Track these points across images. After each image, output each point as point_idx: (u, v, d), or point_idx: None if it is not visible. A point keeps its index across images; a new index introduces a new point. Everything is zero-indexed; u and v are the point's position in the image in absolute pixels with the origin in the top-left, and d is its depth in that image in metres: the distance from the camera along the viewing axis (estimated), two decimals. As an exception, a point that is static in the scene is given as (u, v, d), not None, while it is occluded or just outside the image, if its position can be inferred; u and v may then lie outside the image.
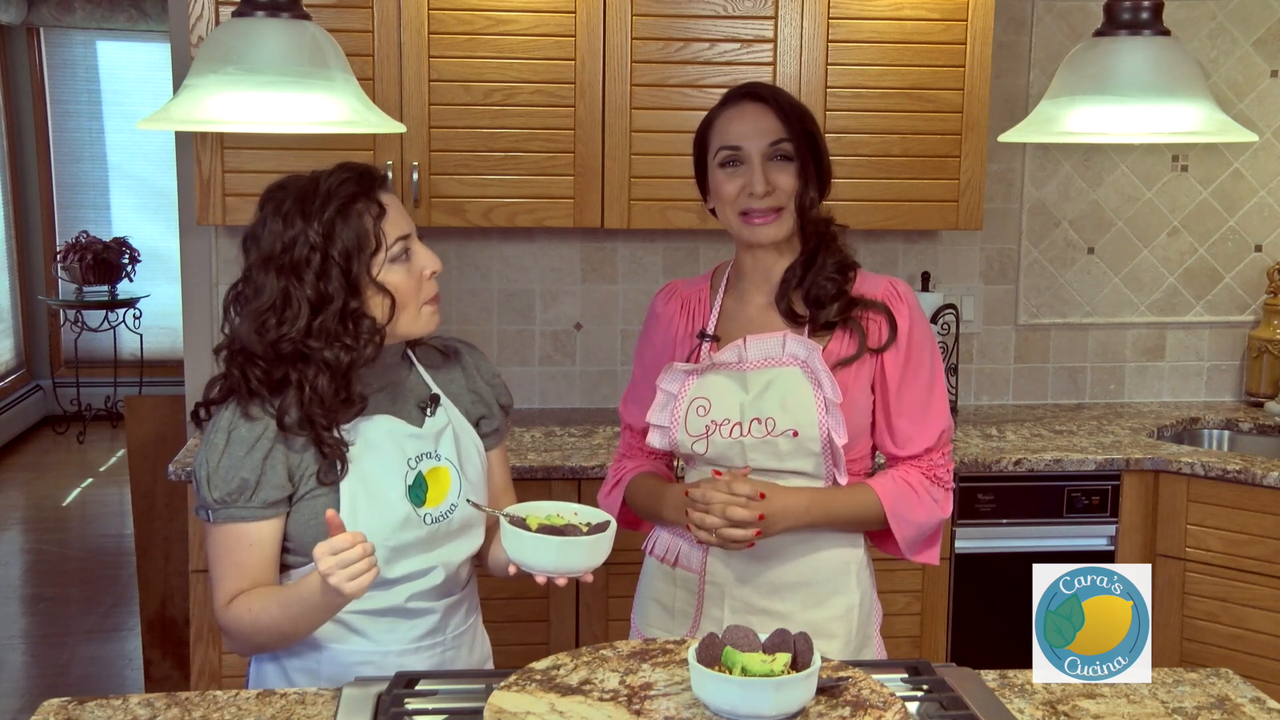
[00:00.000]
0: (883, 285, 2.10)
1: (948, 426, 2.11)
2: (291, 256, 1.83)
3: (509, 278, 3.68)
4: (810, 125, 2.07)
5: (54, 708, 1.76)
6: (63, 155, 8.41)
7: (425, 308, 1.93)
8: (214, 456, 1.85)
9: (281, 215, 1.85)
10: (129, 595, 5.08)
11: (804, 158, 2.04)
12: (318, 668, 1.93)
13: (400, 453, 1.93)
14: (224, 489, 1.85)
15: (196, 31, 3.13)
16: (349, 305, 1.84)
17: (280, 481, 1.86)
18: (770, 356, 2.05)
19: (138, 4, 8.01)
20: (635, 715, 1.57)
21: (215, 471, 1.85)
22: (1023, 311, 3.90)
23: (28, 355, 8.40)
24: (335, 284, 1.83)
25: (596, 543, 1.80)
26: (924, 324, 2.10)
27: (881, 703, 1.59)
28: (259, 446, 1.85)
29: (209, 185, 3.20)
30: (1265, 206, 3.95)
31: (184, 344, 3.62)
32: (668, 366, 2.11)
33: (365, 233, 1.85)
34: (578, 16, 3.22)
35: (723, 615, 2.11)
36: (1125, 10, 2.29)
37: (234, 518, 1.85)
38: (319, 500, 1.88)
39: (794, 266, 2.08)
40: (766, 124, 2.04)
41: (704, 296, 2.18)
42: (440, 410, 2.00)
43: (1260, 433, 3.73)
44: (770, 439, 2.04)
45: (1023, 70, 3.78)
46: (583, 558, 1.79)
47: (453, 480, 1.97)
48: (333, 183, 1.87)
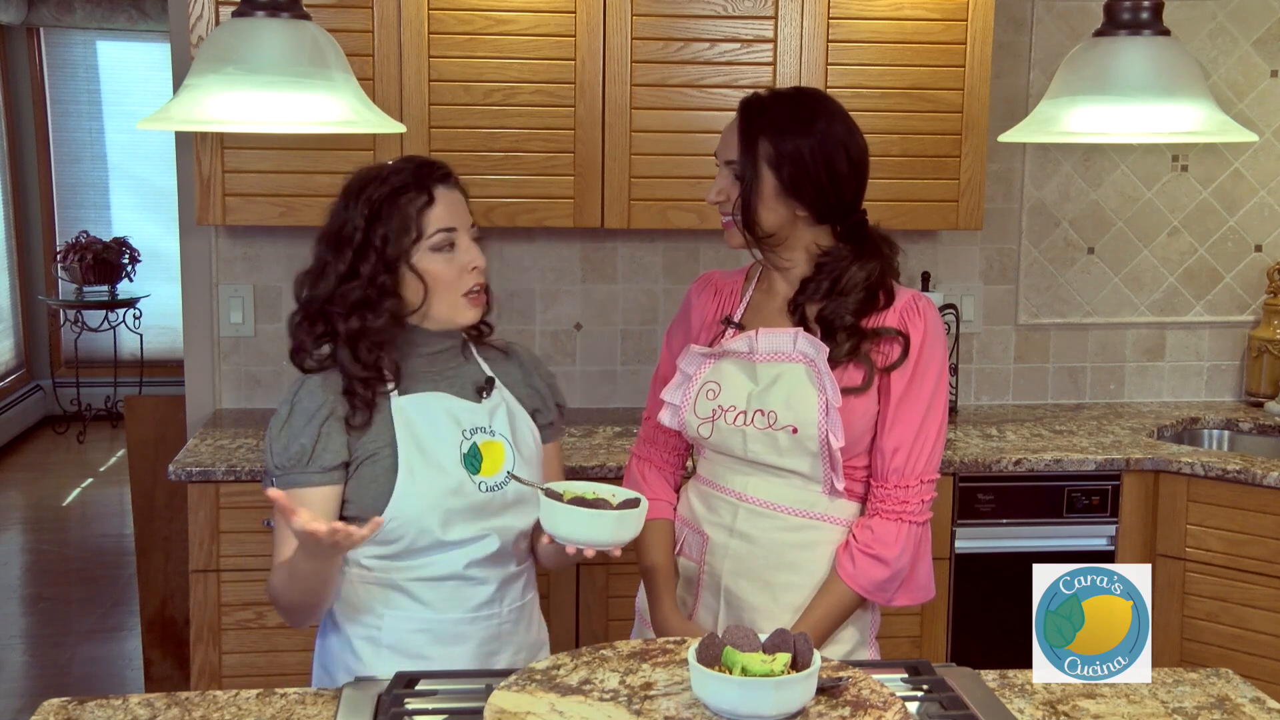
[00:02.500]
0: (901, 305, 2.09)
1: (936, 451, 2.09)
2: (340, 234, 1.98)
3: (509, 278, 3.68)
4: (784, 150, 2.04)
5: (54, 708, 1.76)
6: (63, 155, 8.41)
7: (463, 299, 2.01)
8: (278, 425, 1.99)
9: (345, 196, 2.01)
10: (129, 595, 5.08)
11: (750, 176, 2.05)
12: (378, 635, 2.02)
13: (455, 424, 2.02)
14: (284, 456, 1.97)
15: (196, 31, 3.13)
16: (377, 280, 1.96)
17: (338, 446, 1.97)
18: (780, 351, 2.08)
19: (138, 4, 8.01)
20: (635, 715, 1.57)
21: (277, 439, 1.98)
22: (1023, 311, 3.90)
23: (28, 355, 8.40)
24: (371, 263, 1.96)
25: (624, 517, 1.86)
26: (937, 344, 2.09)
27: (881, 703, 1.59)
28: (318, 415, 1.97)
29: (209, 185, 3.20)
30: (1265, 206, 3.95)
31: (184, 344, 3.61)
32: (687, 348, 2.18)
33: (407, 220, 1.97)
34: (578, 16, 3.22)
35: (718, 606, 2.14)
36: (1125, 10, 2.30)
37: (294, 483, 1.96)
38: (379, 464, 1.98)
39: (819, 280, 2.09)
40: (730, 140, 2.10)
41: (736, 288, 2.22)
42: (495, 393, 2.10)
43: (1260, 433, 3.73)
44: (771, 432, 2.06)
45: (1023, 70, 3.78)
46: (610, 531, 1.85)
47: (506, 454, 2.05)
48: (390, 171, 2.00)
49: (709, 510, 2.16)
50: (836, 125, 2.08)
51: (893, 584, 2.09)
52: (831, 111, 2.10)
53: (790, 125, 2.06)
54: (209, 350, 3.60)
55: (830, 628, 2.10)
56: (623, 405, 3.72)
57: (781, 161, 2.04)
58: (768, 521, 2.10)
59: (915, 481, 2.07)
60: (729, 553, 2.12)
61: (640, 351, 3.74)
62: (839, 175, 2.06)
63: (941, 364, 2.10)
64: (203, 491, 3.03)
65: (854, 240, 2.10)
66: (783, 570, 2.10)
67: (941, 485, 3.19)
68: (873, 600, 2.11)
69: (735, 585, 2.12)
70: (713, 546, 2.15)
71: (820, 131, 2.06)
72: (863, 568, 2.07)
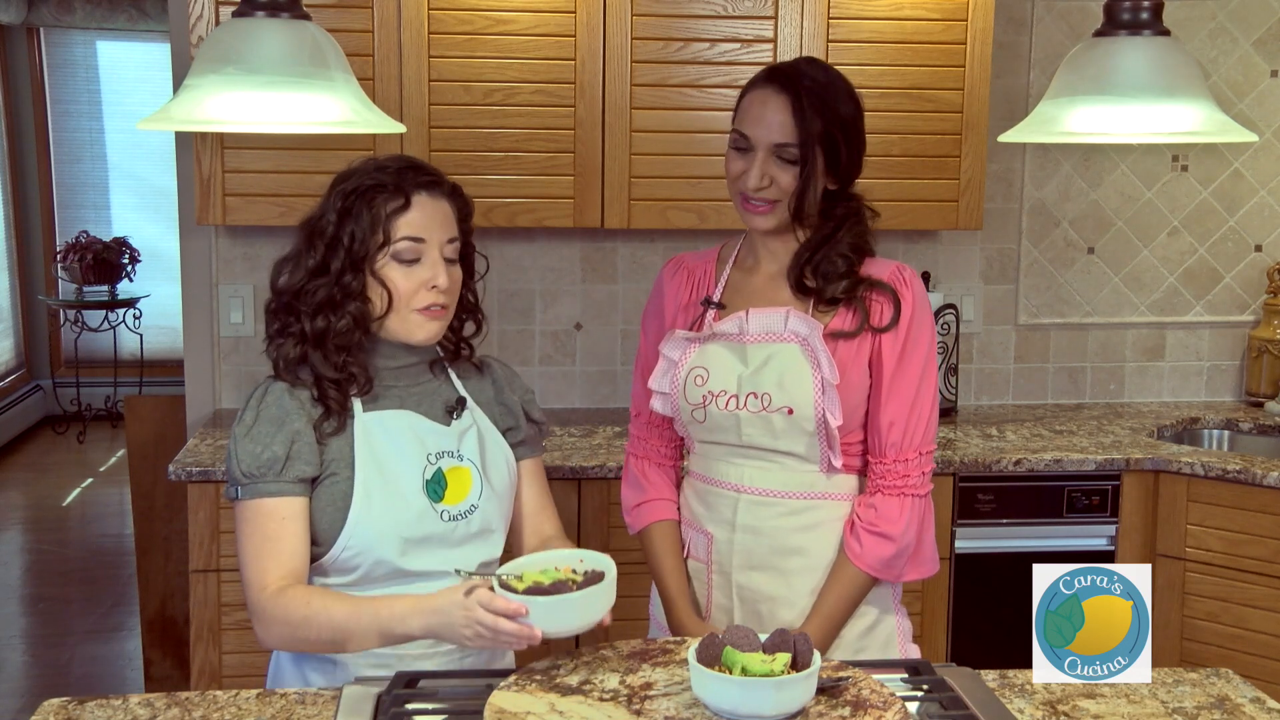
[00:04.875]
0: (890, 269, 2.08)
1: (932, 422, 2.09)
2: (318, 224, 1.91)
3: (509, 278, 3.68)
4: (833, 122, 2.01)
5: (54, 708, 1.76)
6: (63, 155, 8.41)
7: (415, 315, 1.90)
8: (242, 431, 1.87)
9: (329, 189, 1.93)
10: (129, 595, 5.08)
11: (810, 160, 2.00)
12: (333, 668, 1.92)
13: (420, 446, 1.92)
14: (251, 463, 1.85)
15: (196, 31, 3.13)
16: (343, 280, 1.88)
17: (310, 458, 1.86)
18: (772, 331, 2.06)
19: (138, 4, 8.01)
20: (635, 715, 1.57)
21: (243, 445, 1.86)
22: (1023, 311, 3.90)
23: (28, 355, 8.40)
24: (339, 260, 1.88)
25: (588, 598, 1.68)
26: (926, 313, 2.08)
27: (881, 703, 1.59)
28: (289, 422, 1.86)
29: (209, 185, 3.20)
30: (1265, 206, 3.95)
31: (184, 344, 3.61)
32: (670, 333, 2.13)
33: (376, 221, 1.88)
34: (578, 16, 3.22)
35: (730, 604, 2.13)
36: (1125, 10, 2.30)
37: (262, 492, 1.85)
38: (337, 486, 1.88)
39: (811, 242, 2.07)
40: (780, 120, 2.00)
41: (710, 269, 2.19)
42: (466, 414, 2.00)
43: (1260, 433, 3.73)
44: (765, 414, 2.04)
45: (1023, 70, 3.78)
46: (574, 617, 1.67)
47: (474, 481, 1.96)
48: (376, 166, 1.92)
49: (708, 508, 2.15)
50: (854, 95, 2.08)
51: (900, 560, 2.08)
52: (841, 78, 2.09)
53: (838, 101, 2.04)
54: (209, 350, 3.60)
55: (847, 611, 2.09)
56: (623, 405, 3.72)
57: (836, 139, 2.02)
58: (769, 509, 2.09)
59: (914, 454, 2.06)
60: (735, 547, 2.11)
61: (640, 351, 3.74)
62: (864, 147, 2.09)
63: (931, 335, 2.08)
64: (203, 491, 3.03)
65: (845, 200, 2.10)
66: (791, 555, 2.09)
67: (941, 485, 3.21)
68: (883, 578, 2.09)
69: (746, 579, 2.11)
70: (717, 544, 2.13)
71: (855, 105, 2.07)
72: (869, 547, 2.05)
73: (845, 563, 2.07)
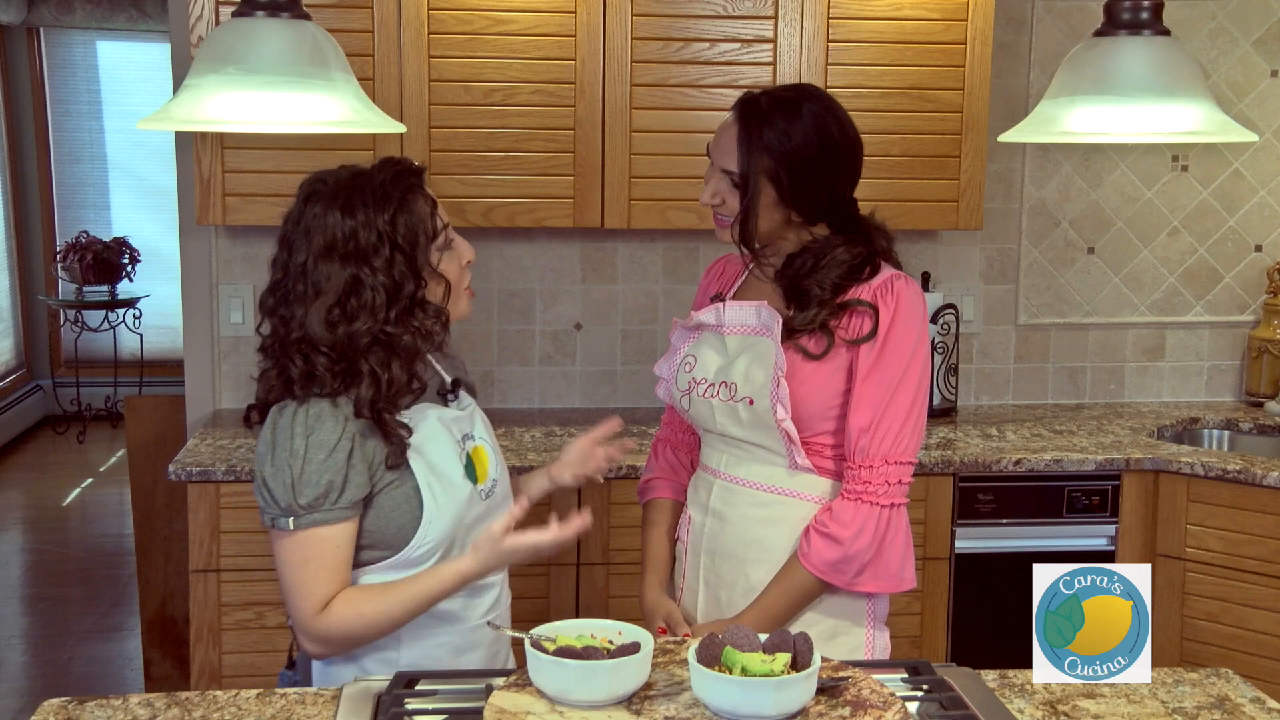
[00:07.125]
0: (883, 278, 2.06)
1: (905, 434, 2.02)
2: (358, 244, 1.85)
3: (509, 278, 3.68)
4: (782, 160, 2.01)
5: (54, 708, 1.76)
6: (63, 155, 8.41)
7: (465, 293, 2.00)
8: (296, 462, 1.83)
9: (339, 206, 1.86)
10: (129, 595, 5.08)
11: (753, 191, 2.02)
12: (395, 658, 1.95)
13: (451, 435, 1.97)
14: (312, 493, 1.83)
15: (196, 31, 3.13)
16: (418, 292, 1.89)
17: (362, 480, 1.86)
18: (745, 324, 2.11)
19: (138, 4, 8.01)
20: (635, 715, 1.57)
21: (300, 477, 1.82)
22: (1023, 311, 3.90)
23: (28, 355, 8.40)
24: (401, 271, 1.87)
25: (621, 667, 1.59)
26: (910, 324, 2.04)
27: (881, 703, 1.59)
28: (340, 447, 1.84)
29: (209, 185, 3.20)
30: (1265, 206, 3.95)
31: (184, 344, 3.61)
32: (677, 322, 2.23)
33: (424, 222, 1.91)
34: (578, 16, 3.22)
35: (698, 587, 2.17)
36: (1125, 10, 2.30)
37: (320, 521, 1.84)
38: (397, 491, 1.90)
39: (804, 258, 2.08)
40: (729, 147, 2.05)
41: (738, 268, 2.24)
42: (462, 394, 2.08)
43: (1260, 433, 3.73)
44: (732, 404, 2.09)
45: (1023, 70, 3.78)
46: (602, 685, 1.58)
47: (490, 457, 2.03)
48: (387, 175, 1.90)
49: (695, 491, 2.22)
50: (831, 128, 2.04)
51: (849, 566, 2.03)
52: (825, 112, 2.05)
53: (788, 137, 2.02)
54: (209, 350, 3.60)
55: (787, 609, 2.07)
56: (623, 405, 3.72)
57: (780, 175, 2.02)
58: (737, 497, 2.12)
59: (879, 462, 2.01)
60: (705, 531, 2.17)
61: (640, 351, 3.74)
62: (834, 184, 2.06)
63: (916, 345, 2.04)
64: (202, 491, 3.03)
65: (845, 230, 2.09)
66: (751, 546, 2.11)
67: (941, 485, 3.21)
68: (832, 583, 2.05)
69: (711, 564, 2.16)
70: (694, 526, 2.19)
71: (818, 143, 2.03)
72: (816, 547, 2.03)
73: (793, 560, 2.07)
